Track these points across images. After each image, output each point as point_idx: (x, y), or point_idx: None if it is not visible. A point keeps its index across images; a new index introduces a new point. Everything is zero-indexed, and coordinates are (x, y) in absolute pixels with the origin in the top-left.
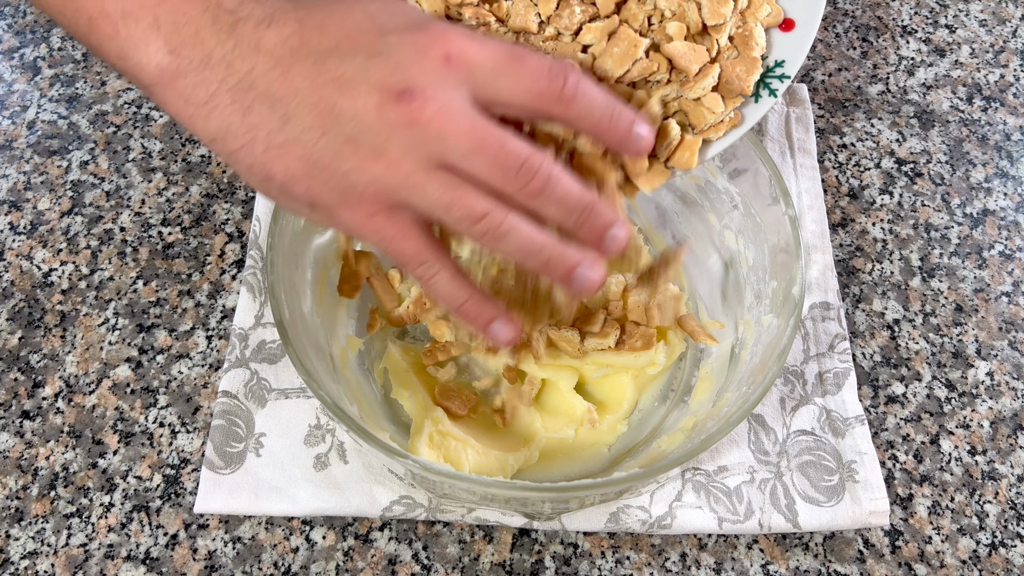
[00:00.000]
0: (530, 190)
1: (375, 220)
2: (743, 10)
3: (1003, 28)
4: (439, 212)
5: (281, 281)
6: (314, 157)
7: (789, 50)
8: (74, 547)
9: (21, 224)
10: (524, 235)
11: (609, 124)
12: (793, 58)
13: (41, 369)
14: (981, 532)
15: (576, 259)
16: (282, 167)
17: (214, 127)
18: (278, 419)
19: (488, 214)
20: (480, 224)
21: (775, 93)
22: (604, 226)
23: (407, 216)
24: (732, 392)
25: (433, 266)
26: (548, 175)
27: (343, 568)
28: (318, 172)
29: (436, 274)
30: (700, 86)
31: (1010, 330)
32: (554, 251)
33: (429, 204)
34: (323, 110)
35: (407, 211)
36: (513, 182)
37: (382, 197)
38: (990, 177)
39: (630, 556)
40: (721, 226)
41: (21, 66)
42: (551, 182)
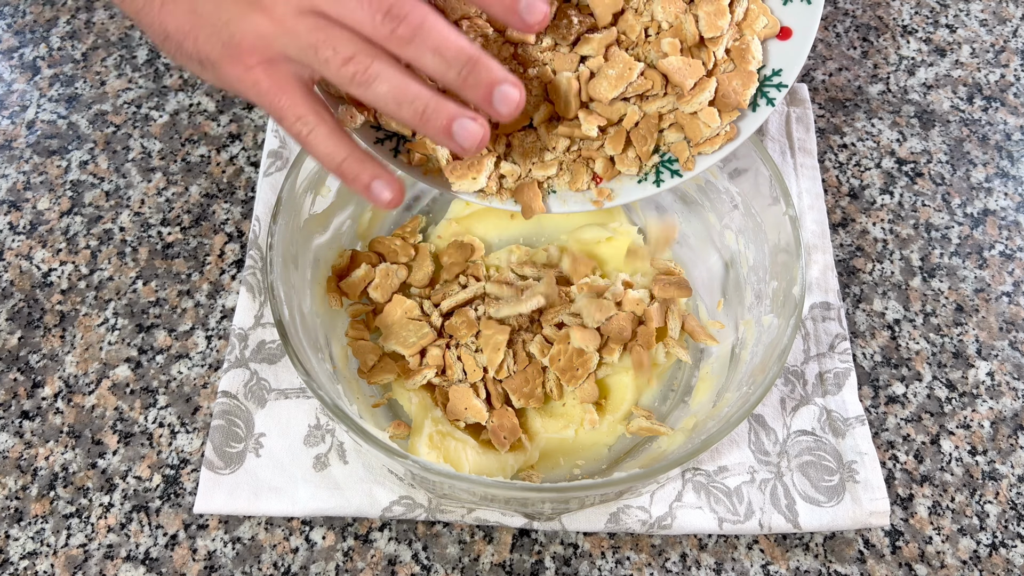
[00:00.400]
0: (400, 35)
1: (253, 72)
2: (740, 22)
3: (1003, 28)
4: (308, 54)
5: (281, 281)
6: (199, 8)
7: (786, 59)
8: (74, 547)
9: (21, 224)
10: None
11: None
12: (790, 67)
13: (40, 369)
14: (981, 532)
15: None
16: (174, 22)
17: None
18: (278, 419)
19: (355, 56)
20: (348, 66)
21: (772, 102)
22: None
23: (287, 70)
24: (732, 392)
25: (309, 121)
26: (420, 21)
27: (343, 568)
28: (203, 24)
29: (312, 130)
30: (696, 100)
31: (1010, 330)
32: (430, 100)
33: (299, 47)
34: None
35: (287, 65)
36: (383, 27)
37: (260, 47)
38: (990, 177)
39: (630, 556)
40: (721, 226)
41: (21, 66)
42: (424, 28)
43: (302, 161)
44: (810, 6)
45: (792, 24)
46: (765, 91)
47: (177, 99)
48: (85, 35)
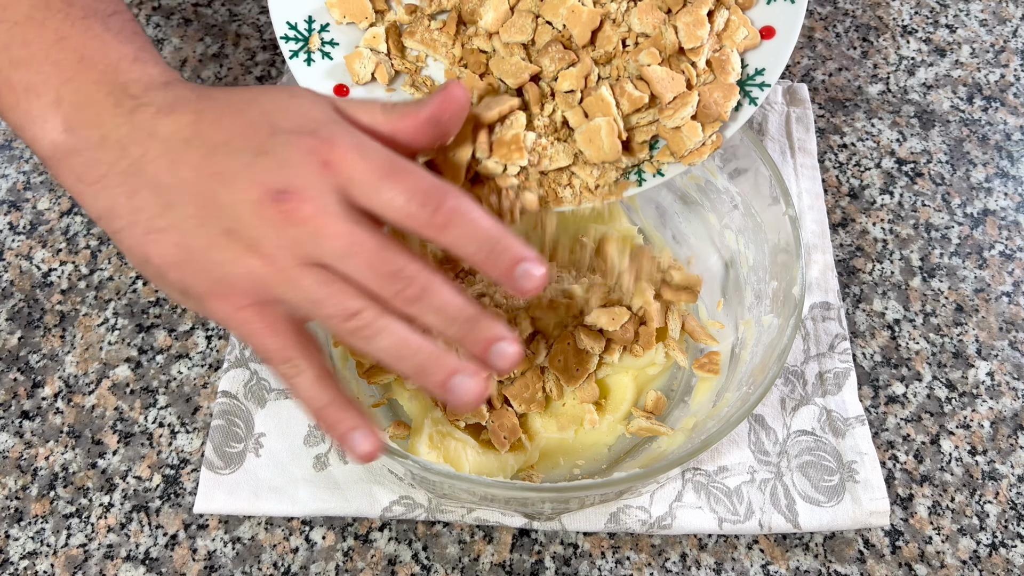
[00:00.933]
0: (406, 296)
1: (244, 312)
2: (720, 32)
3: (1003, 28)
4: (310, 308)
5: None
6: (190, 245)
7: (769, 58)
8: (74, 547)
9: (21, 224)
10: (397, 336)
11: (487, 258)
12: (773, 66)
13: (41, 369)
14: (981, 532)
15: (453, 365)
16: (158, 251)
17: (100, 206)
18: (278, 419)
19: (360, 312)
20: (352, 322)
21: (755, 102)
22: (489, 339)
23: (277, 311)
24: (732, 392)
25: (297, 364)
26: (426, 284)
27: (343, 568)
28: (192, 260)
29: (300, 374)
30: (679, 116)
31: (1010, 330)
32: (430, 355)
33: (301, 299)
34: (204, 201)
35: (278, 306)
36: (388, 287)
37: (254, 290)
38: (990, 177)
39: (630, 556)
40: (721, 226)
41: None
42: (429, 290)
43: None
44: (794, 5)
45: (775, 23)
46: (748, 91)
47: None
48: None
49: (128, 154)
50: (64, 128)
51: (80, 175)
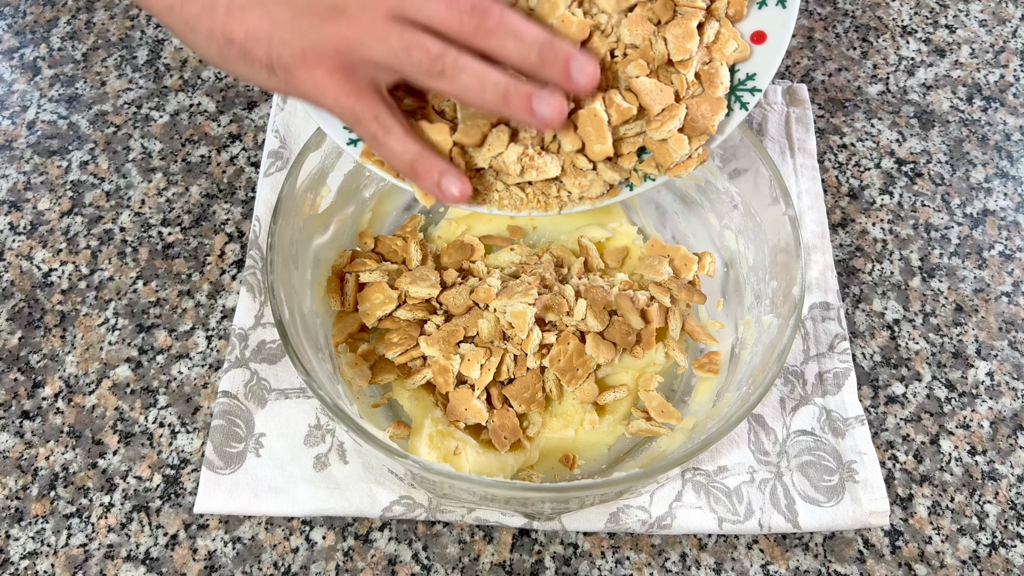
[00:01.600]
0: (485, 28)
1: (334, 77)
2: (709, 45)
3: (1003, 28)
4: (400, 57)
5: (281, 281)
6: (276, 15)
7: (760, 63)
8: (74, 547)
9: (21, 224)
10: (480, 71)
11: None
12: (764, 71)
13: (41, 369)
14: (981, 532)
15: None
16: (243, 28)
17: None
18: (278, 419)
19: (444, 53)
20: (438, 63)
21: (746, 107)
22: (567, 55)
23: (363, 76)
24: (732, 392)
25: (386, 121)
26: (501, 14)
27: (343, 568)
28: (280, 30)
29: (389, 130)
30: (666, 128)
31: (1010, 330)
32: (510, 83)
33: (389, 51)
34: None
35: (364, 70)
36: (468, 23)
37: (343, 52)
38: (990, 177)
39: (630, 556)
40: (721, 226)
41: (21, 66)
42: (504, 20)
43: (302, 161)
44: (785, 10)
45: (766, 28)
46: (739, 95)
47: (177, 99)
48: (85, 35)
49: None
50: None
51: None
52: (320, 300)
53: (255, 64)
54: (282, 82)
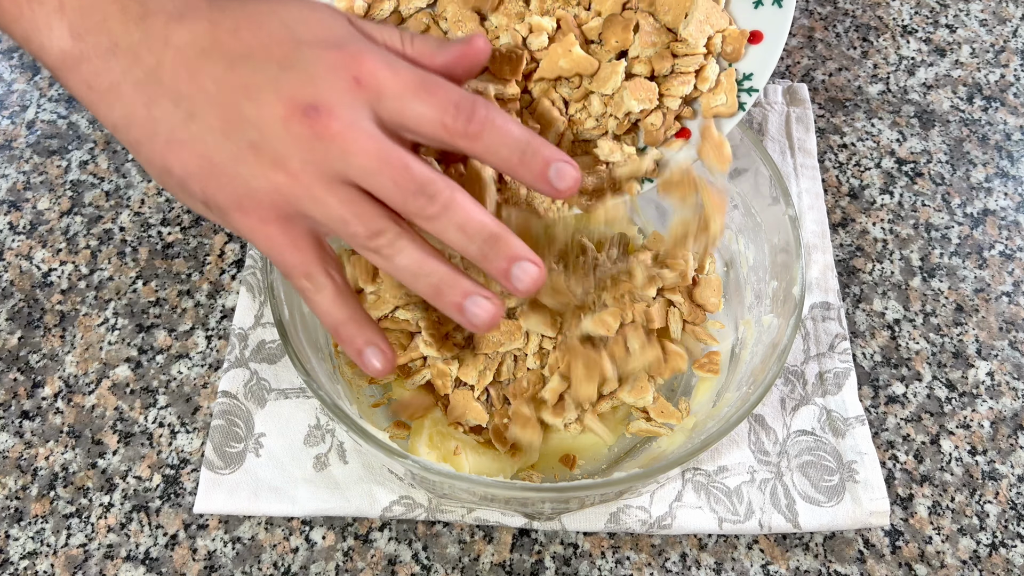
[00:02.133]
0: (430, 212)
1: (268, 227)
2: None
3: (1003, 28)
4: (336, 225)
5: (281, 281)
6: (214, 157)
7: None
8: (74, 547)
9: (21, 224)
10: (416, 256)
11: (520, 161)
12: (761, 71)
13: (41, 369)
14: (981, 532)
15: (468, 287)
16: (180, 163)
17: (116, 114)
18: (278, 419)
19: (383, 231)
20: (374, 240)
21: (743, 107)
22: (511, 256)
23: (301, 226)
24: (732, 392)
25: (318, 281)
26: (450, 199)
27: (343, 568)
28: (216, 173)
29: (320, 290)
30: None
31: (1010, 330)
32: (445, 276)
33: (327, 217)
34: (229, 113)
35: (302, 221)
36: (413, 203)
37: (279, 204)
38: (990, 177)
39: (630, 556)
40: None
41: (21, 66)
42: (453, 206)
43: None
44: (781, 9)
45: (763, 28)
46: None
47: None
48: None
49: (142, 63)
50: (71, 35)
51: (91, 83)
52: None
53: (192, 198)
54: (218, 218)
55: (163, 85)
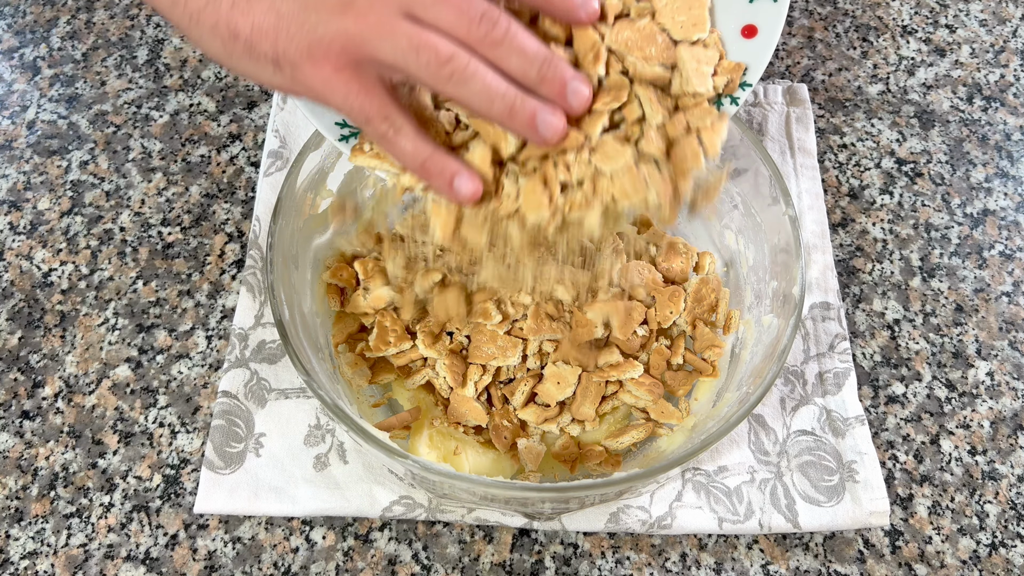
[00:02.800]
0: (492, 38)
1: (342, 75)
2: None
3: (1003, 28)
4: (408, 57)
5: (281, 281)
6: (282, 9)
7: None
8: (74, 547)
9: (21, 224)
10: (488, 79)
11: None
12: (755, 65)
13: (41, 369)
14: (981, 532)
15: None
16: (248, 21)
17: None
18: (278, 419)
19: (453, 56)
20: (446, 67)
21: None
22: (565, 77)
23: (372, 73)
24: (732, 392)
25: (397, 120)
26: (508, 25)
27: (343, 568)
28: (286, 24)
29: (400, 129)
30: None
31: (1010, 330)
32: (516, 96)
33: (397, 50)
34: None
35: (372, 68)
36: (477, 30)
37: (350, 49)
38: (990, 177)
39: (630, 556)
40: (721, 226)
41: (21, 66)
42: (511, 32)
43: (302, 161)
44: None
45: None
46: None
47: (177, 99)
48: (85, 35)
49: None
50: None
51: None
52: (320, 300)
53: (260, 60)
54: (288, 78)
55: None
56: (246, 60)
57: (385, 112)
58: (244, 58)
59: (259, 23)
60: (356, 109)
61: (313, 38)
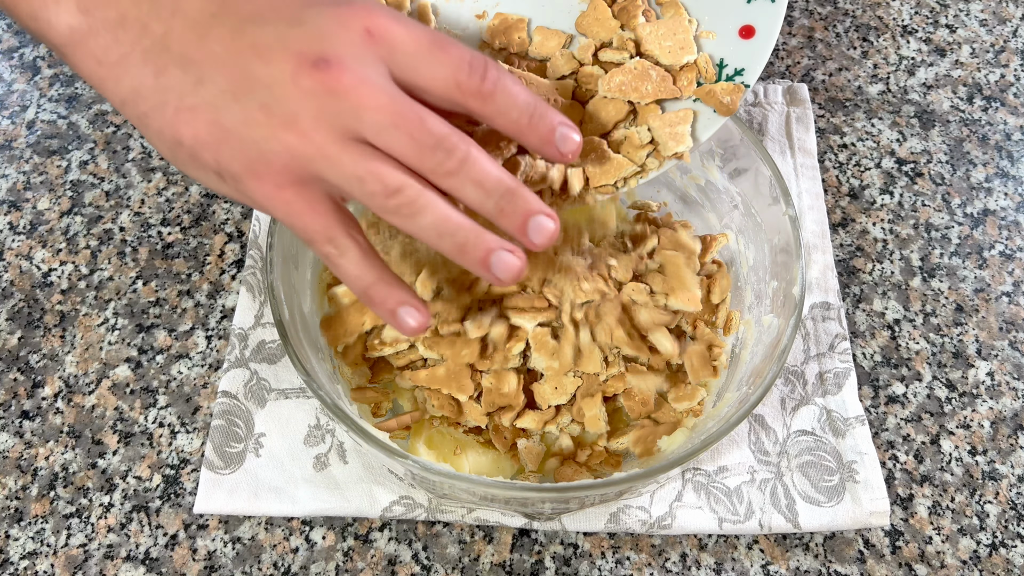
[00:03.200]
0: (447, 168)
1: (284, 193)
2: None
3: (1003, 28)
4: (352, 185)
5: (281, 281)
6: (225, 122)
7: (749, 58)
8: (74, 547)
9: (21, 224)
10: (440, 213)
11: (528, 124)
12: (753, 66)
13: (41, 369)
14: (982, 532)
15: (492, 242)
16: (191, 131)
17: (125, 88)
18: (278, 419)
19: (402, 188)
20: (394, 199)
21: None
22: (528, 211)
23: (317, 190)
24: (732, 392)
25: (341, 244)
26: (467, 154)
27: (343, 568)
28: (227, 138)
29: (344, 253)
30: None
31: (1010, 330)
32: (470, 232)
33: (341, 177)
34: (238, 75)
35: (318, 185)
36: (430, 158)
37: (293, 168)
38: (990, 177)
39: (630, 556)
40: (721, 226)
41: (21, 66)
42: (469, 161)
43: None
44: (774, 4)
45: (755, 22)
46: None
47: None
48: None
49: (151, 32)
50: (79, 9)
51: (100, 58)
52: (320, 300)
53: (203, 168)
54: (232, 189)
55: (171, 52)
56: (191, 166)
57: (329, 234)
58: (190, 165)
59: (199, 135)
60: (299, 228)
61: (254, 154)
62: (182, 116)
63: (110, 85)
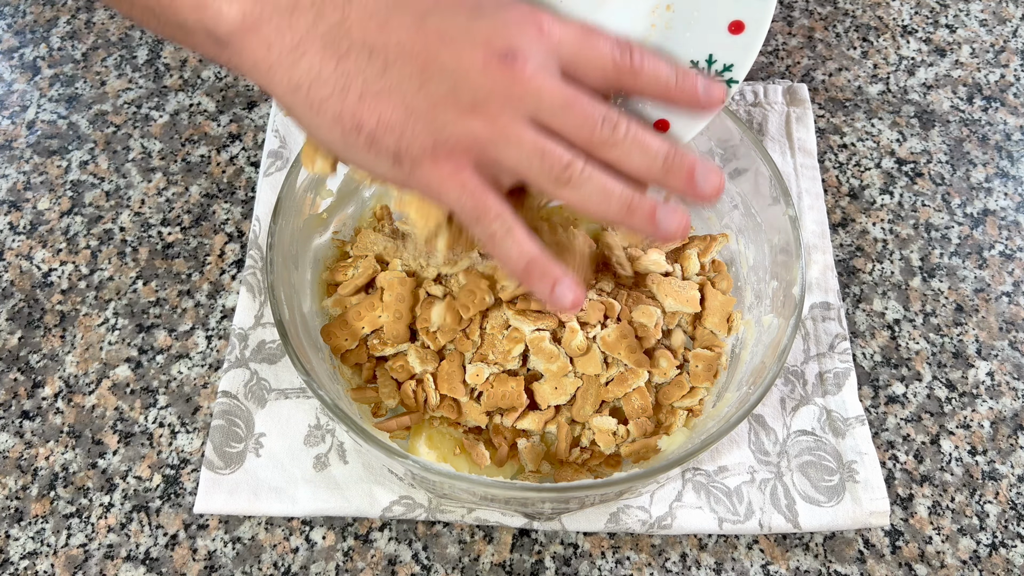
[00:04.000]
0: (615, 139)
1: (461, 175)
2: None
3: (1003, 28)
4: (532, 161)
5: (281, 281)
6: (413, 105)
7: (738, 54)
8: (74, 547)
9: (21, 224)
10: (604, 182)
11: (676, 85)
12: (742, 62)
13: (41, 369)
14: (981, 532)
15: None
16: (376, 115)
17: (300, 73)
18: (278, 419)
19: (573, 162)
20: (568, 171)
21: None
22: (692, 164)
23: (488, 174)
24: (732, 392)
25: (508, 220)
26: (628, 125)
27: (343, 568)
28: (414, 121)
29: (511, 230)
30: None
31: (1010, 330)
32: (634, 196)
33: (520, 155)
34: (425, 62)
35: (491, 169)
36: (599, 133)
37: (474, 150)
38: (990, 177)
39: (630, 556)
40: (721, 226)
41: (21, 66)
42: (632, 131)
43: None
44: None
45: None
46: None
47: (177, 99)
48: (85, 35)
49: (325, 18)
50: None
51: (272, 43)
52: (320, 300)
53: (381, 153)
54: (405, 173)
55: (352, 38)
56: (364, 152)
57: (499, 211)
58: (363, 150)
59: (386, 118)
60: (470, 208)
61: (440, 137)
62: (366, 101)
63: (281, 72)
